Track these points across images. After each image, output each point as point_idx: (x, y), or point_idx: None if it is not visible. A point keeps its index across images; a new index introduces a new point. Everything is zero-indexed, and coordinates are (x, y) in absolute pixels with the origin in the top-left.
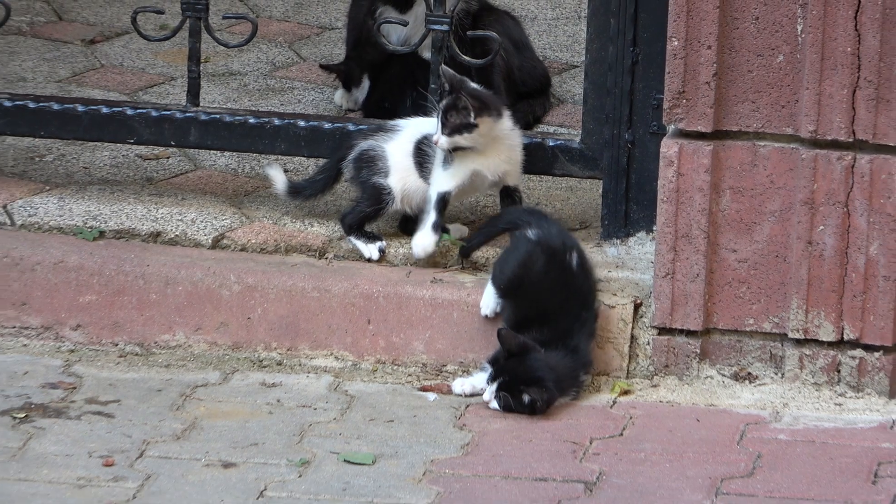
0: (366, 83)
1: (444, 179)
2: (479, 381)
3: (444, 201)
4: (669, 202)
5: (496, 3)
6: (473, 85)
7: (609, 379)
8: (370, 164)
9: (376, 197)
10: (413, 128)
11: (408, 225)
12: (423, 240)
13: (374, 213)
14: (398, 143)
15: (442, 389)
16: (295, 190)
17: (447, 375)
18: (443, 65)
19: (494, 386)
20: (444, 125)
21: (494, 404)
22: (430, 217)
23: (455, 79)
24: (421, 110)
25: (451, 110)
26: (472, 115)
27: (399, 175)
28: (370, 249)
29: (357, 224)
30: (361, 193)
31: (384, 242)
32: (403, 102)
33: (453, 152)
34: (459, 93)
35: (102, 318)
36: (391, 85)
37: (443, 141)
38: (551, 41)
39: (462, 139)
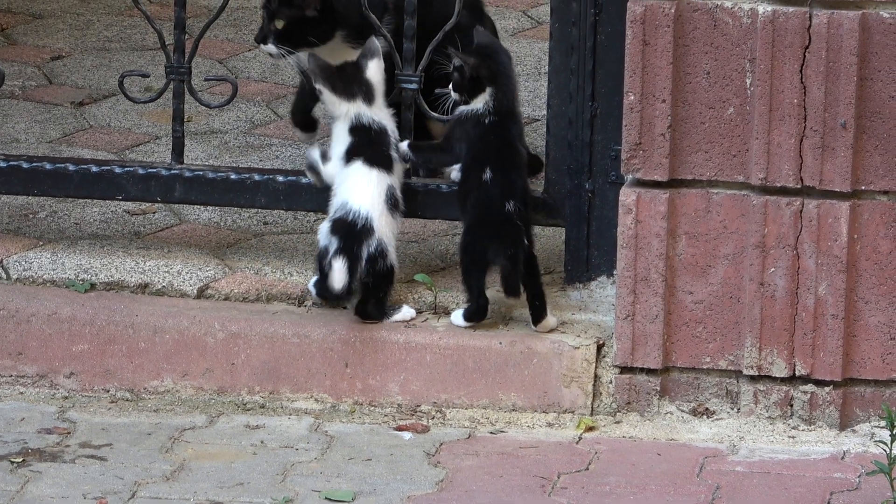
0: None
1: None
2: None
3: None
4: (629, 248)
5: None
6: None
7: (574, 416)
8: None
9: None
10: None
11: None
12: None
13: None
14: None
15: (417, 429)
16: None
17: (421, 415)
18: None
19: None
20: None
21: None
22: None
23: None
24: None
25: None
26: None
27: None
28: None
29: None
30: None
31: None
32: None
33: None
34: None
35: (94, 365)
36: None
37: None
38: None
39: None
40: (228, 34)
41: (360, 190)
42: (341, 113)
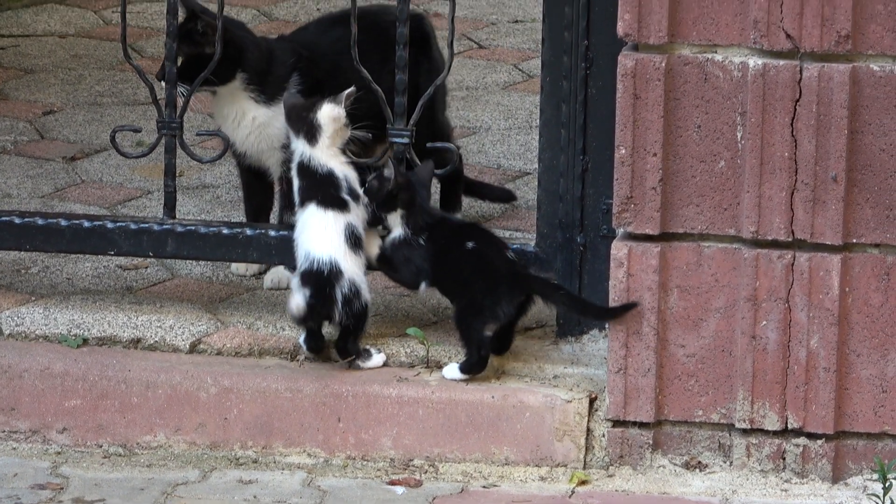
0: None
1: None
2: None
3: None
4: (620, 301)
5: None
6: None
7: (567, 470)
8: None
9: None
10: None
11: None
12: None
13: None
14: None
15: (409, 483)
16: None
17: (414, 470)
18: None
19: None
20: None
21: None
22: None
23: None
24: None
25: None
26: None
27: None
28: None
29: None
30: None
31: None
32: None
33: None
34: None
35: (87, 421)
36: None
37: None
38: (505, 150)
39: None
40: None
41: (319, 236)
42: (294, 149)
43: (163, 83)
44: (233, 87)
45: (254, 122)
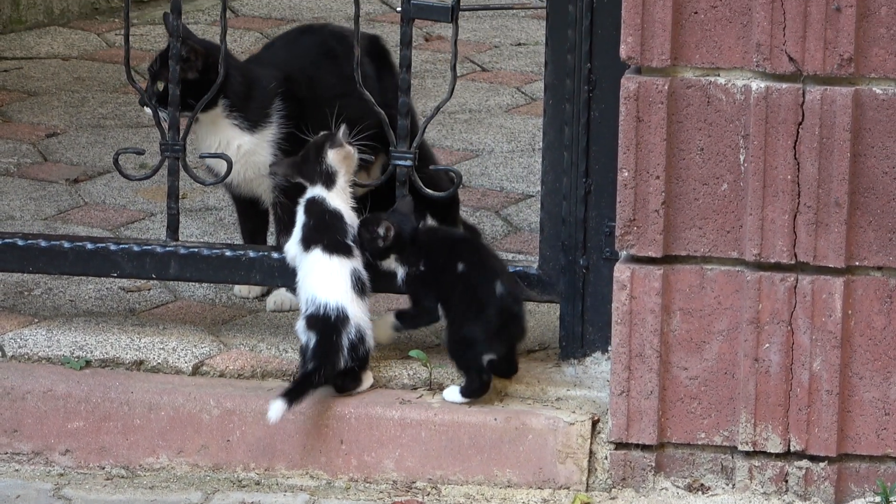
0: None
1: None
2: None
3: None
4: (623, 324)
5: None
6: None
7: (570, 492)
8: None
9: None
10: None
11: None
12: None
13: None
14: None
15: None
16: None
17: (417, 492)
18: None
19: None
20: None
21: None
22: None
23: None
24: None
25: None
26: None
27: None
28: None
29: None
30: None
31: None
32: None
33: None
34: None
35: (90, 442)
36: None
37: None
38: (508, 173)
39: None
40: None
41: (326, 282)
42: (308, 192)
43: (145, 108)
44: (214, 115)
45: (239, 150)
